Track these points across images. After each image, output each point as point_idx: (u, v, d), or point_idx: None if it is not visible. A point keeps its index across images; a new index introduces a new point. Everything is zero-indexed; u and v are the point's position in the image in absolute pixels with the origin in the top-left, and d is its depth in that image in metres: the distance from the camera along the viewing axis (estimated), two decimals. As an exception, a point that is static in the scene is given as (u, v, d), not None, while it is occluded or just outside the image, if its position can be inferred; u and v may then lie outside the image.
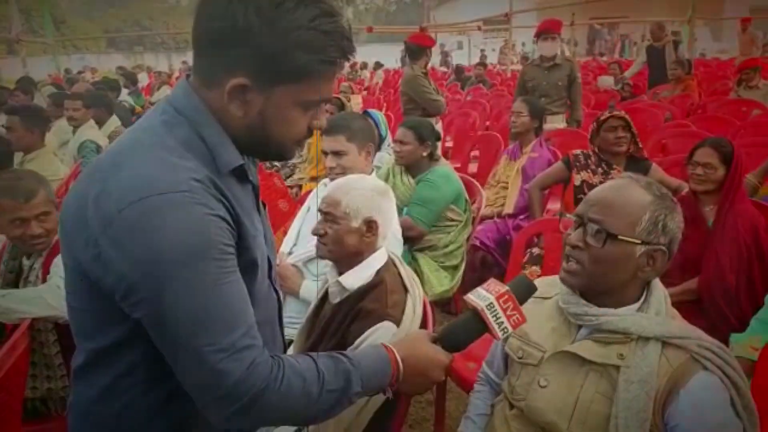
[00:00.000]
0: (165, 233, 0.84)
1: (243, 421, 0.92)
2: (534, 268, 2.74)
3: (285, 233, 2.37)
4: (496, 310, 1.09)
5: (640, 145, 3.03)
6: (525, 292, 1.15)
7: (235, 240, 0.93)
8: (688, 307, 2.17)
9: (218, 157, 0.94)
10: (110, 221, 0.84)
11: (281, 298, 1.18)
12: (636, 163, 2.95)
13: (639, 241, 1.18)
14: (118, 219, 0.84)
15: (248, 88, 0.91)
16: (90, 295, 0.92)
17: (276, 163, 4.61)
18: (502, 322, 1.09)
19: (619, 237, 1.18)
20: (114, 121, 5.10)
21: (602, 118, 3.01)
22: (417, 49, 4.71)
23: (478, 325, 1.11)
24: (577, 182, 3.06)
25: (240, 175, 0.99)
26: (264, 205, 1.14)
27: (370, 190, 1.58)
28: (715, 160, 2.30)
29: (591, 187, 2.89)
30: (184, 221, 0.85)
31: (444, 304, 3.11)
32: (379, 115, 3.75)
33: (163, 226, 0.84)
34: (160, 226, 0.84)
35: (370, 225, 1.54)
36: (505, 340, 1.40)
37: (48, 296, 1.77)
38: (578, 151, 3.15)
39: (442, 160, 3.10)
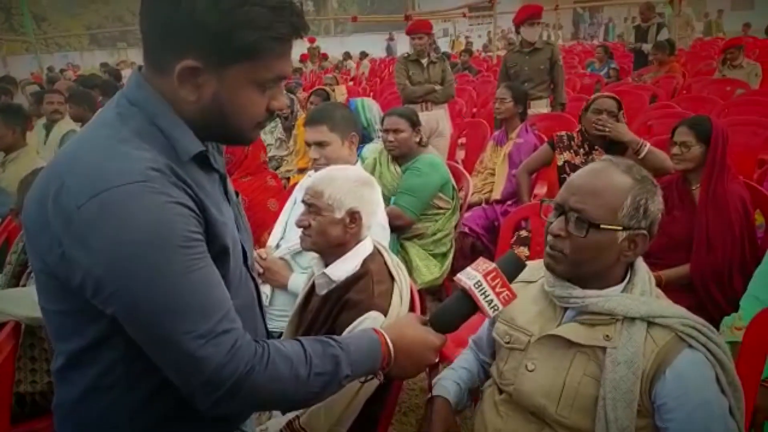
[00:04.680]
0: (126, 225, 0.83)
1: (231, 405, 0.92)
2: (522, 248, 2.75)
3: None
4: (484, 288, 1.09)
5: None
6: (514, 268, 1.15)
7: (203, 227, 0.91)
8: (676, 287, 2.19)
9: (177, 144, 0.93)
10: (70, 218, 0.83)
11: (258, 285, 1.16)
12: (615, 144, 2.95)
13: (621, 228, 1.18)
14: (77, 215, 0.83)
15: (199, 70, 0.89)
16: (61, 296, 0.91)
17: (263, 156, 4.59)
18: (492, 300, 1.09)
19: (601, 226, 1.18)
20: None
21: (593, 97, 3.00)
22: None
23: (468, 305, 1.11)
24: (560, 162, 3.08)
25: (203, 163, 0.98)
26: (237, 194, 1.13)
27: (353, 180, 1.57)
28: (690, 138, 2.32)
29: (573, 167, 2.90)
30: (145, 211, 0.84)
31: (434, 292, 3.12)
32: (358, 103, 3.70)
33: (124, 218, 0.83)
34: (120, 218, 0.82)
35: (354, 216, 1.53)
36: (493, 320, 1.40)
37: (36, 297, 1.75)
38: (562, 133, 3.16)
39: (430, 147, 3.09)
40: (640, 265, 1.26)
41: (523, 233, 2.84)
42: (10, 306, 1.76)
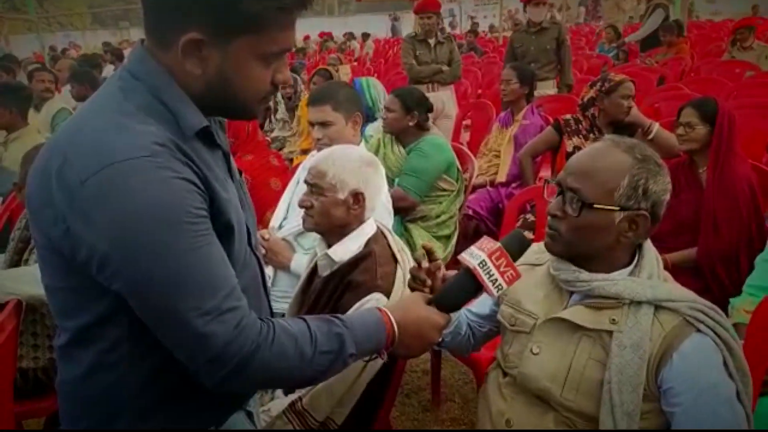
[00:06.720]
0: (131, 200, 0.81)
1: (237, 383, 0.92)
2: (527, 232, 2.73)
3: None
4: (488, 267, 1.08)
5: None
6: (518, 247, 1.14)
7: (207, 203, 0.90)
8: (682, 270, 2.17)
9: (181, 119, 0.91)
10: (74, 194, 0.82)
11: (262, 264, 1.15)
12: (624, 127, 2.91)
13: (617, 208, 1.16)
14: (81, 190, 0.81)
15: (203, 43, 0.88)
16: (65, 272, 0.90)
17: (267, 137, 4.56)
18: (496, 279, 1.08)
19: (595, 206, 1.16)
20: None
21: (617, 79, 2.92)
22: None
23: (472, 284, 1.10)
24: (569, 148, 3.03)
25: (207, 139, 0.96)
26: (240, 173, 1.12)
27: (357, 161, 1.55)
28: (694, 118, 2.30)
29: (585, 153, 2.86)
30: (150, 187, 0.82)
31: (438, 274, 3.10)
32: (363, 82, 3.67)
33: (129, 193, 0.81)
34: (125, 193, 0.81)
35: (357, 197, 1.51)
36: (497, 300, 1.38)
37: (39, 274, 1.75)
38: (568, 116, 3.11)
39: (434, 129, 3.05)
40: (649, 248, 1.24)
41: (529, 217, 2.82)
42: (13, 284, 1.76)
